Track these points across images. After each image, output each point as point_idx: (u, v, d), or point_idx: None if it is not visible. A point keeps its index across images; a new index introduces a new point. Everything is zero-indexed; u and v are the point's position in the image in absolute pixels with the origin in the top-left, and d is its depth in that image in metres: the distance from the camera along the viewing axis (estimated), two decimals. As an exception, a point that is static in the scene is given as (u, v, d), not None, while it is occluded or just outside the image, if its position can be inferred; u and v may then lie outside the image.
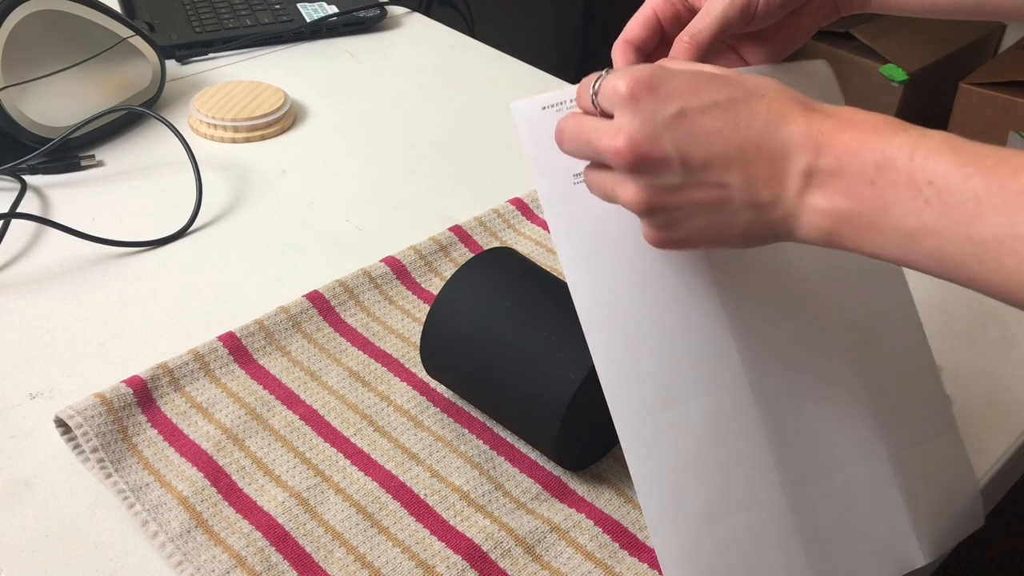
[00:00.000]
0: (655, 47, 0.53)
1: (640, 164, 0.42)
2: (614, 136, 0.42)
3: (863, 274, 0.52)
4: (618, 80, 0.42)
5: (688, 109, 0.41)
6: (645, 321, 0.49)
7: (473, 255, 0.63)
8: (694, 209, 0.42)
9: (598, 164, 0.45)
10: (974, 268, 0.37)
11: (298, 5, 1.10)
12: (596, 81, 0.44)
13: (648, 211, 0.43)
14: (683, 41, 0.49)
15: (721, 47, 0.52)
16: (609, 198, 0.45)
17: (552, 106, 0.51)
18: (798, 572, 0.50)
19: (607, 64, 0.50)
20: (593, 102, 0.44)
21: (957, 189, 0.36)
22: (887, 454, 0.52)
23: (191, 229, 0.75)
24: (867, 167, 0.39)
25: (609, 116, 0.43)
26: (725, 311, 0.50)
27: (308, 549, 0.51)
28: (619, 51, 0.52)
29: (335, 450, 0.56)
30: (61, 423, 0.55)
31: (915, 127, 0.39)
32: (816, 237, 0.41)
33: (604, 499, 0.55)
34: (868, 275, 0.53)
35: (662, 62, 0.47)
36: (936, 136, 0.38)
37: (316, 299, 0.66)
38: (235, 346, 0.62)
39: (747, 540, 0.49)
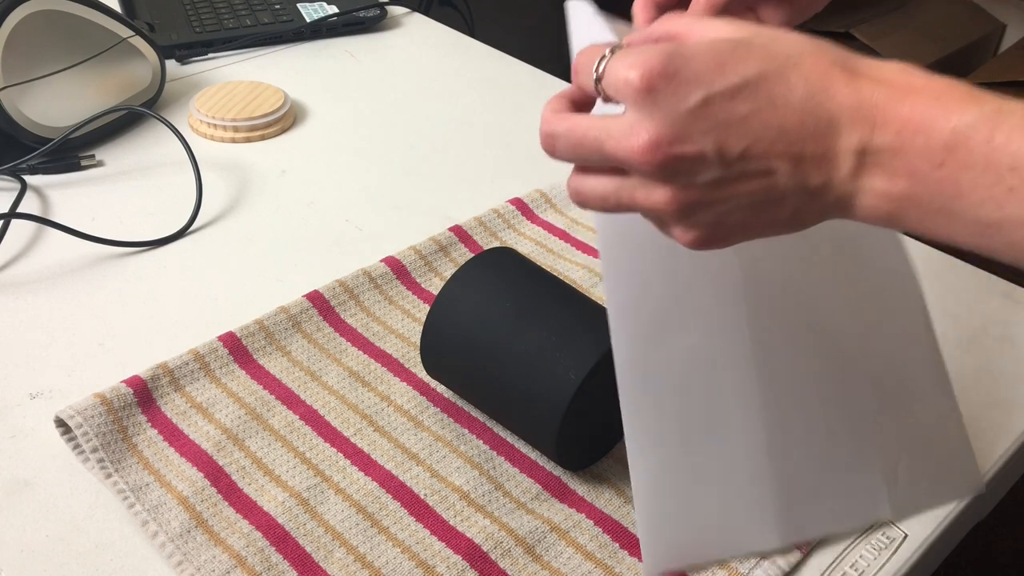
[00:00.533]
0: (676, 3, 0.48)
1: (670, 164, 0.36)
2: (633, 137, 0.36)
3: (865, 237, 0.50)
4: (628, 70, 0.36)
5: (714, 95, 0.36)
6: (657, 253, 0.48)
7: (473, 255, 0.63)
8: (737, 203, 0.38)
9: (598, 169, 0.39)
10: None
11: (298, 5, 1.10)
12: (600, 63, 0.38)
13: (685, 213, 0.38)
14: (699, 1, 0.46)
15: (738, 7, 0.48)
16: (624, 207, 0.39)
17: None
18: (765, 506, 0.51)
19: None
20: (596, 88, 0.39)
21: None
22: (874, 412, 0.52)
23: (191, 229, 0.75)
24: (934, 146, 0.34)
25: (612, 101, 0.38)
26: (737, 255, 0.49)
27: (308, 549, 0.51)
28: (640, 8, 0.47)
29: (335, 450, 0.56)
30: (61, 423, 0.55)
31: (988, 96, 0.34)
32: (877, 220, 0.37)
33: (604, 499, 0.55)
34: (870, 238, 0.50)
35: (673, 19, 0.41)
36: (1018, 110, 0.33)
37: (316, 299, 0.66)
38: (235, 346, 0.62)
39: (718, 470, 0.50)
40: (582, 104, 0.42)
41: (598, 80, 0.38)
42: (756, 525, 0.51)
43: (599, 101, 0.40)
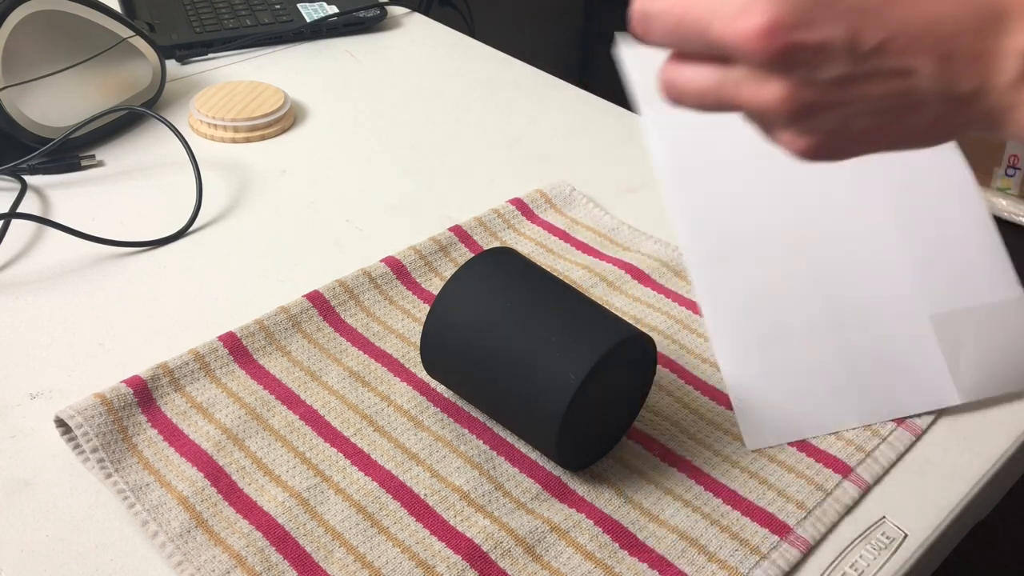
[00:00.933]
0: None
1: (790, 53, 0.31)
2: (746, 17, 0.31)
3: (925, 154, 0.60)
4: None
5: None
6: (723, 189, 0.60)
7: (473, 255, 0.63)
8: (865, 106, 0.32)
9: (699, 57, 0.34)
10: None
11: (298, 5, 1.10)
12: None
13: (801, 115, 0.33)
14: None
15: None
16: (726, 105, 0.34)
17: None
18: (838, 393, 0.59)
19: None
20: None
21: None
22: (929, 313, 0.61)
23: (191, 229, 0.75)
24: None
25: None
26: (789, 186, 0.60)
27: (308, 549, 0.51)
28: None
29: (335, 450, 0.56)
30: (61, 423, 0.55)
31: None
32: None
33: (604, 499, 0.55)
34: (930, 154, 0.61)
35: None
36: None
37: (316, 299, 0.66)
38: (235, 346, 0.62)
39: (793, 363, 0.59)
40: None
41: None
42: (832, 409, 0.59)
43: None
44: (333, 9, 1.09)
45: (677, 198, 0.60)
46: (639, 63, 0.56)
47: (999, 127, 0.32)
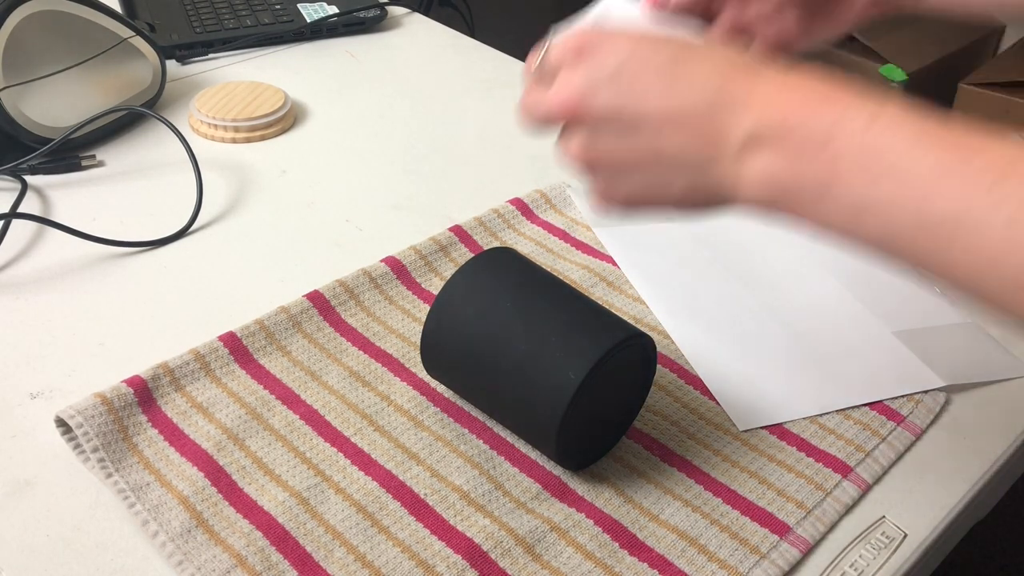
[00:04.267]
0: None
1: (579, 118, 0.42)
2: (558, 92, 0.42)
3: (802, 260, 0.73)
4: (567, 38, 0.43)
5: (628, 65, 0.40)
6: (677, 270, 0.72)
7: (473, 255, 0.63)
8: (631, 168, 0.41)
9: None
10: (924, 248, 0.34)
11: (298, 5, 1.10)
12: (544, 48, 0.45)
13: (588, 168, 0.43)
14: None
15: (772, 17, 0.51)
16: (567, 159, 0.45)
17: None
18: (816, 379, 0.63)
19: None
20: (542, 63, 0.45)
21: (912, 165, 0.34)
22: (891, 331, 0.67)
23: (191, 229, 0.75)
24: (816, 134, 0.36)
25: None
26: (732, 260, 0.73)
27: (308, 549, 0.51)
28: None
29: (335, 450, 0.56)
30: (61, 423, 0.55)
31: (869, 96, 0.37)
32: (755, 205, 0.39)
33: (604, 499, 0.55)
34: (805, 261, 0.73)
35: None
36: (893, 107, 0.36)
37: (316, 299, 0.66)
38: (235, 346, 0.62)
39: (767, 355, 0.65)
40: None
41: (544, 55, 0.45)
42: (811, 394, 0.62)
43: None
44: (333, 9, 1.09)
45: (641, 284, 0.70)
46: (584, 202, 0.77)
47: (733, 197, 0.39)
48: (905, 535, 0.54)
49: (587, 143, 0.42)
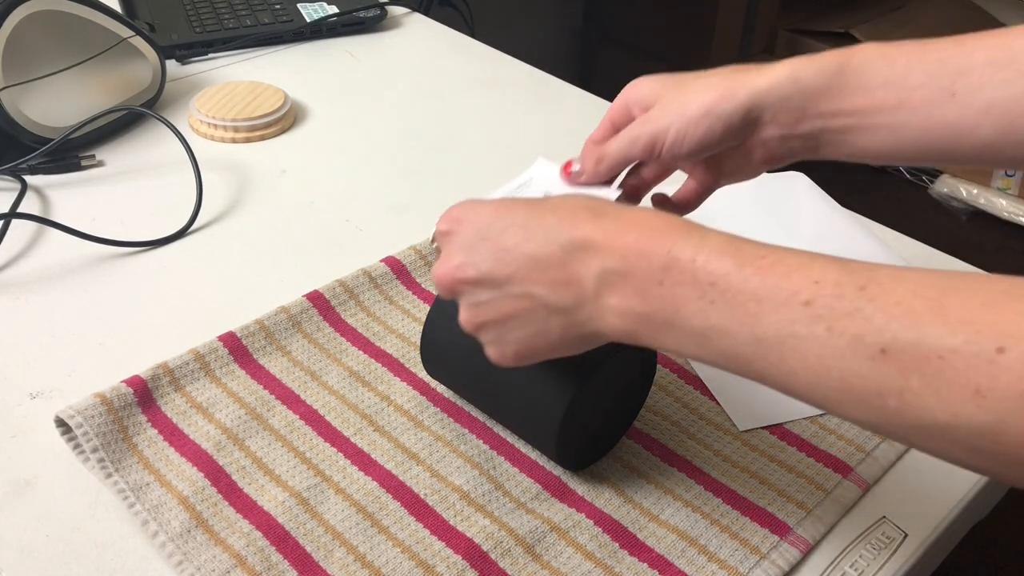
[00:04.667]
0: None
1: (458, 287, 0.46)
2: (437, 270, 0.47)
3: None
4: (439, 222, 0.48)
5: (491, 232, 0.45)
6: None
7: (473, 255, 0.63)
8: (511, 322, 0.45)
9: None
10: (763, 366, 0.37)
11: (298, 5, 1.10)
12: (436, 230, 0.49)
13: (476, 330, 0.47)
14: (590, 157, 0.54)
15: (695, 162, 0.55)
16: (466, 330, 0.48)
17: None
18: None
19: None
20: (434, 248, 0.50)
21: (738, 290, 0.37)
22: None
23: (191, 229, 0.75)
24: (654, 269, 0.40)
25: None
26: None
27: (308, 549, 0.51)
28: (585, 149, 0.56)
29: (335, 450, 0.56)
30: (61, 423, 0.55)
31: (700, 227, 0.41)
32: (621, 336, 0.42)
33: (604, 499, 0.55)
34: None
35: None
36: (718, 237, 0.40)
37: (316, 299, 0.66)
38: (235, 346, 0.62)
39: None
40: None
41: (432, 242, 0.50)
42: None
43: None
44: (333, 9, 1.09)
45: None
46: None
47: (601, 331, 0.43)
48: (905, 535, 0.54)
49: (471, 307, 0.46)
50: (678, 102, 0.52)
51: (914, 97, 0.49)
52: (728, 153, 0.53)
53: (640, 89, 0.55)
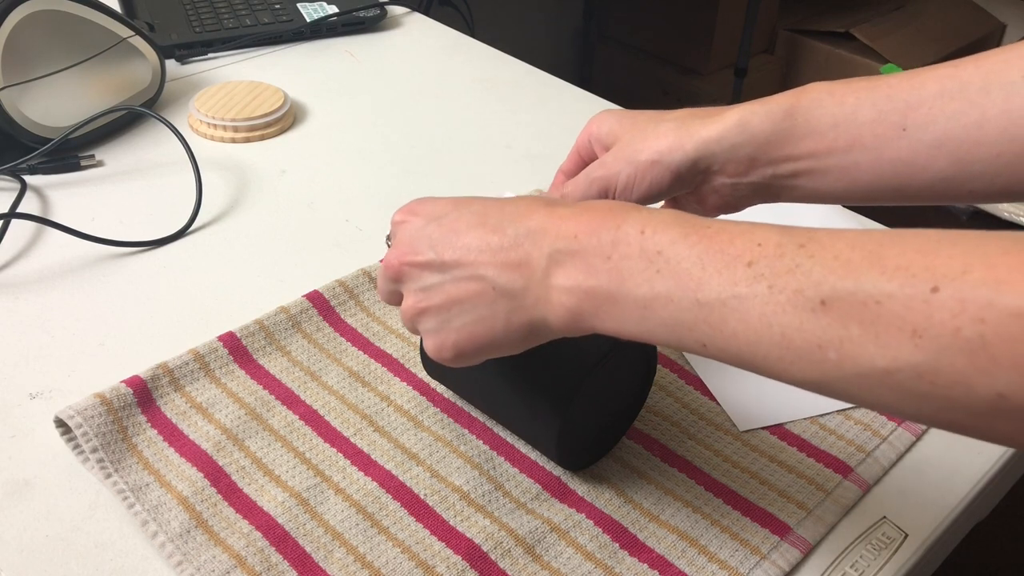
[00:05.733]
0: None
1: (404, 270, 0.46)
2: (386, 256, 0.47)
3: None
4: (395, 214, 0.49)
5: (445, 218, 0.46)
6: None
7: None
8: (456, 307, 0.45)
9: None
10: (704, 331, 0.38)
11: (298, 5, 1.10)
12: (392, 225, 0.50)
13: (418, 316, 0.46)
14: (556, 193, 0.57)
15: None
16: (403, 323, 0.49)
17: None
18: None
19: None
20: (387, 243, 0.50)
21: (683, 257, 0.39)
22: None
23: (191, 229, 0.75)
24: (604, 244, 0.41)
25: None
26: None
27: (308, 549, 0.51)
28: (556, 179, 0.59)
29: (335, 450, 0.56)
30: (61, 423, 0.55)
31: (648, 208, 0.42)
32: (564, 319, 0.42)
33: (604, 499, 0.55)
34: None
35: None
36: (666, 213, 0.41)
37: (316, 299, 0.66)
38: (235, 346, 0.62)
39: None
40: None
41: (388, 238, 0.51)
42: (798, 399, 0.62)
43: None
44: (333, 9, 1.09)
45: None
46: None
47: (547, 318, 0.43)
48: (906, 535, 0.54)
49: (415, 292, 0.46)
50: (631, 148, 0.53)
51: (864, 135, 0.49)
52: (684, 198, 0.55)
53: (600, 126, 0.56)
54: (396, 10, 1.15)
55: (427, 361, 0.58)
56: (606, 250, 0.41)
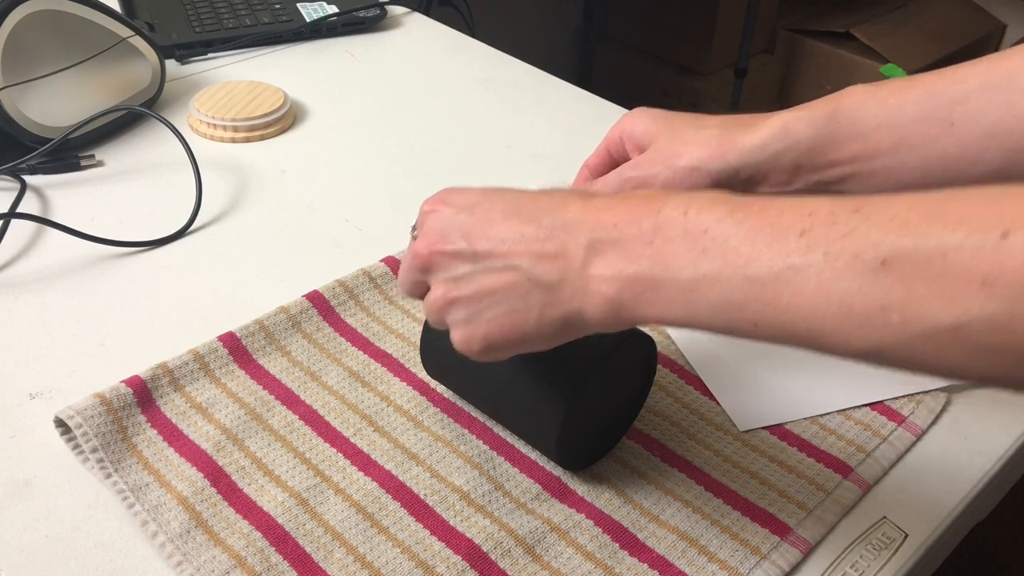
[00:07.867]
0: (607, 171, 0.58)
1: (434, 259, 0.45)
2: (416, 244, 0.46)
3: None
4: (424, 204, 0.48)
5: (477, 207, 0.45)
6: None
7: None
8: (487, 298, 0.43)
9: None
10: (756, 308, 0.36)
11: (298, 5, 1.10)
12: (418, 218, 0.49)
13: (447, 306, 0.45)
14: (581, 185, 0.57)
15: None
16: (428, 314, 0.47)
17: None
18: (815, 381, 0.63)
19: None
20: (412, 234, 0.49)
21: (731, 234, 0.37)
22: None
23: (191, 229, 0.75)
24: (645, 230, 0.40)
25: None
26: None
27: (308, 549, 0.51)
28: (580, 173, 0.58)
29: (335, 450, 0.56)
30: (61, 423, 0.55)
31: (687, 191, 0.41)
32: (603, 310, 0.41)
33: (604, 499, 0.55)
34: None
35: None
36: (709, 193, 0.40)
37: (316, 299, 0.66)
38: (235, 346, 0.62)
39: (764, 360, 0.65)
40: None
41: (414, 228, 0.49)
42: (798, 399, 0.62)
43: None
44: (333, 9, 1.09)
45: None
46: None
47: (584, 311, 0.41)
48: (906, 536, 0.54)
49: (445, 282, 0.45)
50: (670, 150, 0.52)
51: (910, 133, 0.48)
52: None
53: (635, 125, 0.55)
54: (396, 10, 1.15)
55: (427, 361, 0.58)
56: (647, 236, 0.39)
